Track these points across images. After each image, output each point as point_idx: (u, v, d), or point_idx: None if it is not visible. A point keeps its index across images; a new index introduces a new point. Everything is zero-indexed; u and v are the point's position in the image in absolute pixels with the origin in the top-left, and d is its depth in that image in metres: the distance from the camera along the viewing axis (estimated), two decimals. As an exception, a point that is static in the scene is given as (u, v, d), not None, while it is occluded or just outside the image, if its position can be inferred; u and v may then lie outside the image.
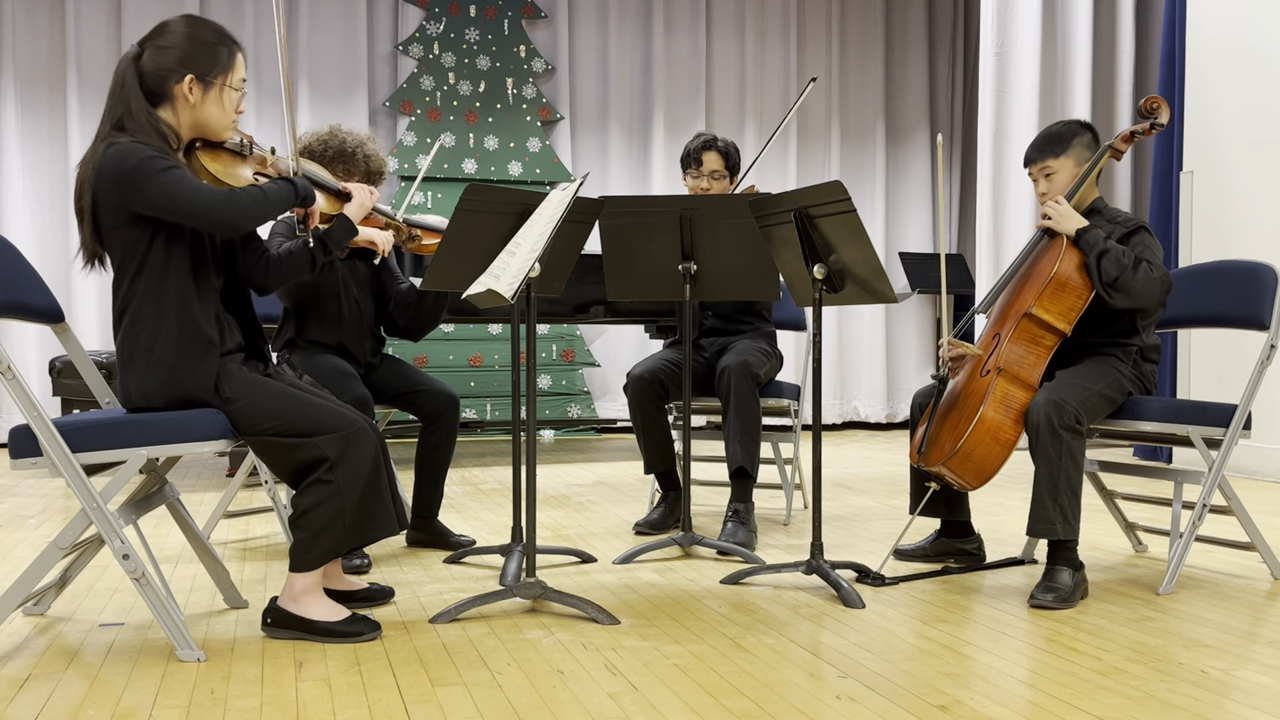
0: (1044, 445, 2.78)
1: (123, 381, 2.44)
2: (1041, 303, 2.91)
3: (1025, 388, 2.90)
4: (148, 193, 2.32)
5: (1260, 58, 5.14)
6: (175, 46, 2.43)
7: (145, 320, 2.40)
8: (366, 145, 3.36)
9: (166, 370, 2.40)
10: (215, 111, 2.48)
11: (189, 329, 2.41)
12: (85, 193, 2.39)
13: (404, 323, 3.54)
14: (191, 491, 4.73)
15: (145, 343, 2.40)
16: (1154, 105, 3.10)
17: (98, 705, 2.05)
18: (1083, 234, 2.92)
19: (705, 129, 7.58)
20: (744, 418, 3.57)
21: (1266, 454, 5.05)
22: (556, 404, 7.31)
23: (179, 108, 2.46)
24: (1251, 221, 5.14)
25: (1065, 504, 2.77)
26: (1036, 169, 3.13)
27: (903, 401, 8.01)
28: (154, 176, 2.31)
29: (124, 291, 2.44)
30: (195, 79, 2.44)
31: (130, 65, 2.44)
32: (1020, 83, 6.35)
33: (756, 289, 3.29)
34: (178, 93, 2.44)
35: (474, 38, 7.33)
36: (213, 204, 2.36)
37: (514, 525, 3.18)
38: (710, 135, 3.88)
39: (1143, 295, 2.87)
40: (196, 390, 2.41)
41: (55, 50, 6.77)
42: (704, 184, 3.84)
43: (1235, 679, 2.21)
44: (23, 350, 6.57)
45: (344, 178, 3.29)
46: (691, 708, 2.03)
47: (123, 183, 2.32)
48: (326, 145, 3.31)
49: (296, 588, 2.48)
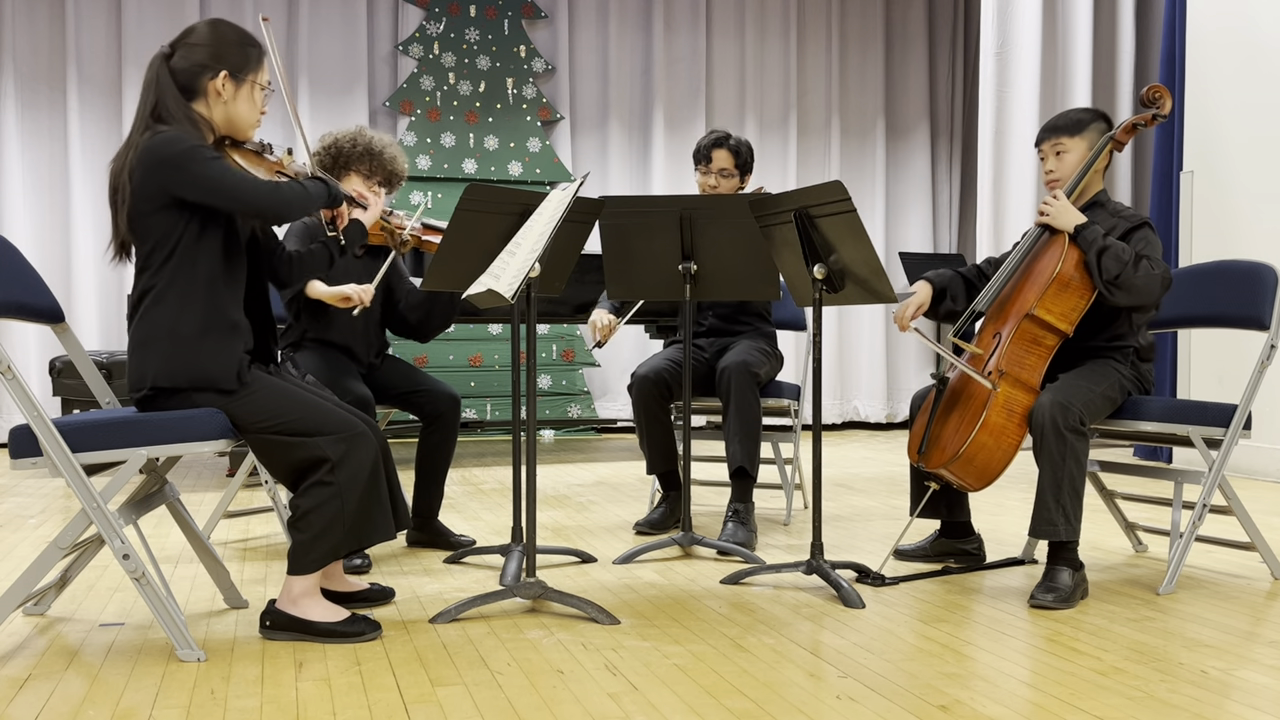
0: (1049, 447, 2.78)
1: (139, 362, 2.43)
2: (1044, 303, 2.90)
3: (1027, 390, 2.90)
4: (196, 175, 2.36)
5: (1261, 56, 5.14)
6: (206, 44, 2.49)
7: (171, 301, 2.41)
8: (391, 148, 3.44)
9: (191, 350, 2.40)
10: (246, 108, 2.54)
11: (216, 312, 2.44)
12: (124, 180, 2.41)
13: (415, 322, 3.55)
14: (191, 491, 4.73)
15: (169, 324, 2.41)
16: (1156, 94, 3.07)
17: (98, 705, 2.05)
18: (1081, 230, 2.91)
19: (705, 129, 7.59)
20: (744, 418, 3.57)
21: (1266, 454, 5.05)
22: (556, 404, 7.31)
23: (212, 103, 2.50)
24: (1251, 221, 5.14)
25: (1068, 505, 2.77)
26: (1049, 145, 3.09)
27: (903, 401, 8.01)
28: (205, 162, 2.37)
29: (150, 274, 2.44)
30: (229, 75, 2.49)
31: (162, 63, 2.48)
32: (1020, 82, 6.35)
33: (757, 289, 3.29)
34: (211, 89, 2.48)
35: (474, 38, 7.33)
36: (260, 191, 2.43)
37: (514, 525, 3.18)
38: (723, 133, 3.85)
39: (1143, 292, 2.86)
40: (220, 372, 2.41)
41: (55, 50, 6.76)
42: (712, 181, 3.82)
43: (1235, 679, 2.21)
44: (23, 350, 6.56)
45: (366, 176, 3.38)
46: (691, 708, 2.03)
47: (169, 165, 2.36)
48: (355, 142, 3.38)
49: (295, 590, 2.47)
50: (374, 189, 3.38)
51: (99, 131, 6.77)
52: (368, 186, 3.36)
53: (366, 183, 3.37)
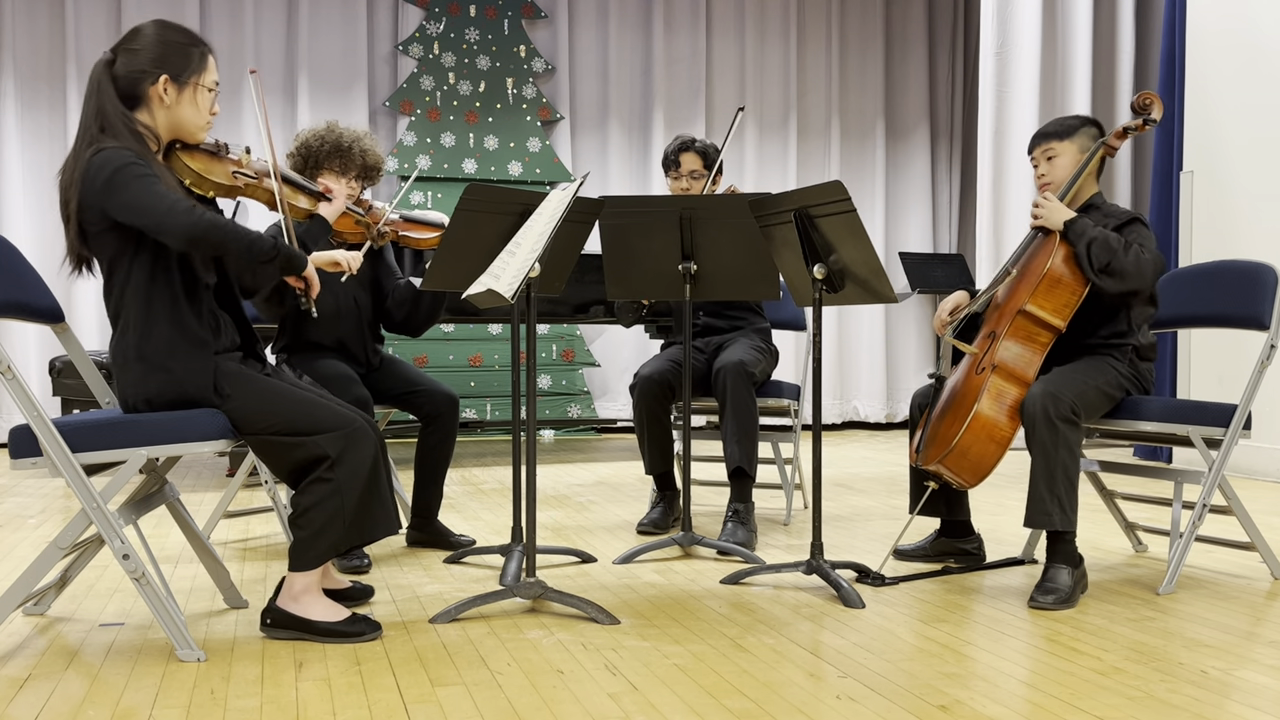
0: (1040, 436, 2.79)
1: (120, 385, 2.45)
2: (1035, 299, 2.92)
3: (1020, 384, 2.91)
4: (123, 199, 2.30)
5: (1261, 56, 5.14)
6: (146, 49, 2.44)
7: (135, 326, 2.41)
8: (363, 140, 3.37)
9: (163, 372, 2.40)
10: (190, 112, 2.49)
11: (180, 330, 2.42)
12: (71, 198, 2.38)
13: (400, 318, 3.54)
14: (191, 491, 4.73)
15: (137, 347, 2.41)
16: (1147, 101, 3.11)
17: (98, 705, 2.05)
18: (1070, 225, 2.93)
19: (705, 129, 7.60)
20: (740, 418, 3.57)
21: (1266, 454, 5.05)
22: (556, 404, 7.31)
23: (155, 109, 2.46)
24: (1251, 221, 5.14)
25: (1062, 495, 2.77)
26: (1040, 151, 3.13)
27: (902, 401, 8.01)
28: (131, 182, 2.30)
29: (114, 297, 2.44)
30: (169, 79, 2.44)
31: (104, 70, 2.44)
32: (1020, 83, 6.34)
33: (756, 289, 3.29)
34: (152, 94, 2.44)
35: (474, 38, 7.33)
36: (175, 214, 2.29)
37: (514, 525, 3.18)
38: (689, 137, 3.95)
39: (1134, 276, 2.87)
40: (196, 390, 2.41)
41: (55, 49, 6.76)
42: (684, 184, 3.90)
43: (1235, 679, 2.21)
44: (23, 350, 6.56)
45: (340, 173, 3.31)
46: (691, 708, 2.03)
47: (101, 191, 2.32)
48: (324, 140, 3.33)
49: (296, 587, 2.48)
50: (351, 185, 3.32)
51: (99, 131, 6.77)
52: (344, 183, 3.28)
53: (341, 179, 3.29)
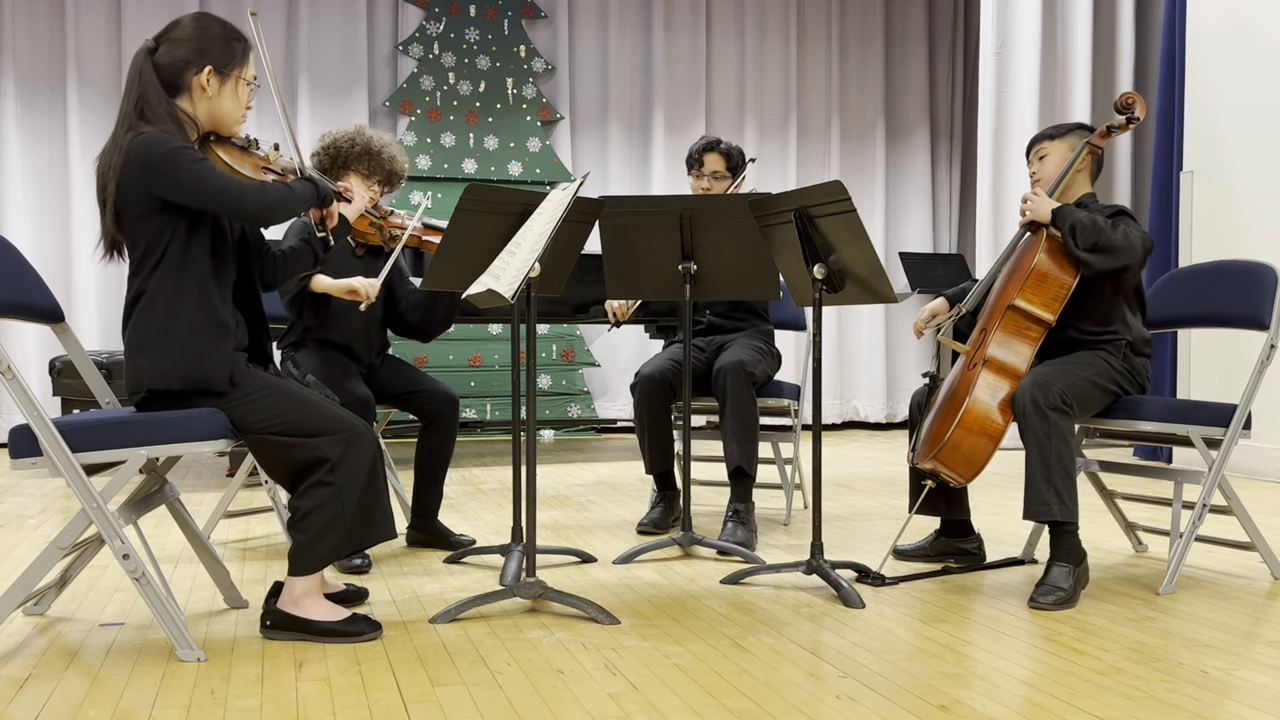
0: (1032, 426, 2.79)
1: (134, 367, 2.43)
2: (1024, 293, 2.93)
3: (1012, 378, 2.91)
4: (180, 179, 2.34)
5: (1261, 56, 5.14)
6: (190, 39, 2.48)
7: (163, 303, 2.41)
8: (391, 147, 3.43)
9: (183, 351, 2.40)
10: (230, 104, 2.52)
11: (206, 313, 2.43)
12: (109, 181, 2.40)
13: (415, 322, 3.56)
14: (191, 491, 4.73)
15: (162, 325, 2.40)
16: (1129, 100, 3.15)
17: (98, 705, 2.05)
18: (1057, 211, 2.97)
19: (705, 129, 7.60)
20: (740, 418, 3.57)
21: (1266, 454, 5.05)
22: (556, 404, 7.31)
23: (196, 99, 2.48)
24: (1251, 222, 5.14)
25: (1059, 484, 2.77)
26: (1033, 152, 3.23)
27: (902, 401, 8.01)
28: (189, 164, 2.35)
29: (142, 278, 2.44)
30: (213, 70, 2.47)
31: (145, 58, 2.47)
32: (1020, 83, 6.35)
33: (756, 289, 3.29)
34: (195, 84, 2.47)
35: (474, 38, 7.33)
36: (245, 193, 2.40)
37: (514, 525, 3.18)
38: (714, 138, 3.98)
39: (1125, 250, 2.89)
40: (212, 373, 2.41)
41: (55, 50, 6.77)
42: (705, 184, 3.93)
43: (1235, 679, 2.21)
44: (23, 350, 6.57)
45: (365, 176, 3.37)
46: (691, 708, 2.03)
47: (152, 169, 2.34)
48: (354, 143, 3.38)
49: (296, 590, 2.47)
50: (373, 188, 3.39)
51: (99, 131, 6.76)
52: (367, 186, 3.37)
53: (365, 182, 3.37)
